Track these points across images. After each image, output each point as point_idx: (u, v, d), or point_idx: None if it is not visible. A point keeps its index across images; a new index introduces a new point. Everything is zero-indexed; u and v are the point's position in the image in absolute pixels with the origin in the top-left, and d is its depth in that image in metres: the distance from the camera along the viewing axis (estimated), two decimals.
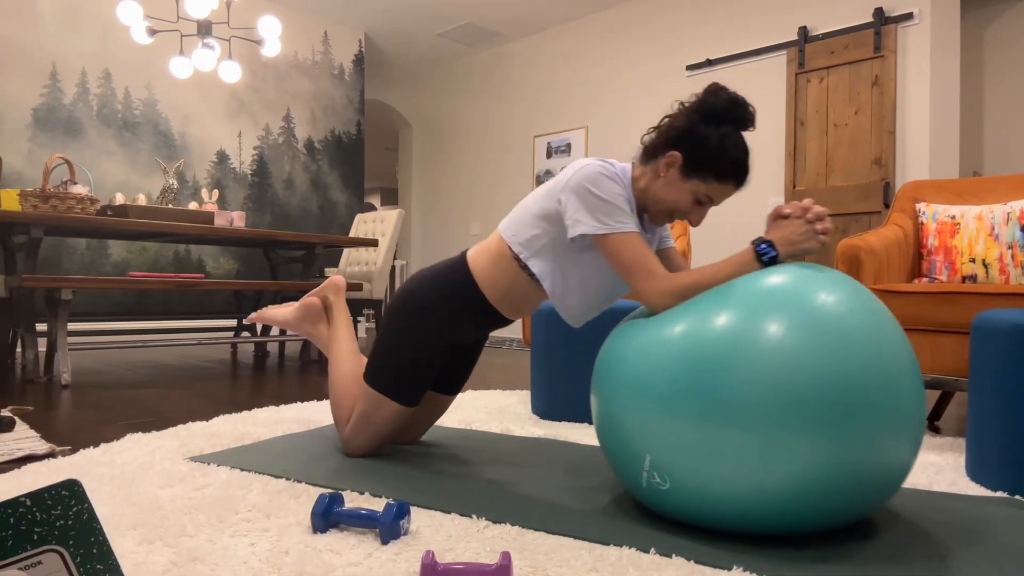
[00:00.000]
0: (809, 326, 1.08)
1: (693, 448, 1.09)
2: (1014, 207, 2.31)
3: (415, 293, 1.60)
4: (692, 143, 1.38)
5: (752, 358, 1.07)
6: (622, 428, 1.19)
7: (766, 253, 1.26)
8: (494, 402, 2.53)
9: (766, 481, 1.05)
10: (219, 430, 1.94)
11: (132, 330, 3.75)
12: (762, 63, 4.80)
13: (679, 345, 1.14)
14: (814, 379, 1.04)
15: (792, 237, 1.27)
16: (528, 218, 1.51)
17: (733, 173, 1.38)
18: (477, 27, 6.23)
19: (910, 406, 1.10)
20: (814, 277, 1.16)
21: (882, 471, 1.08)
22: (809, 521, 1.09)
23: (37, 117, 4.55)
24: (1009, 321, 1.47)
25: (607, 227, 1.36)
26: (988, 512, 1.31)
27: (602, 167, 1.39)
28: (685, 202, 1.41)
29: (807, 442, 1.03)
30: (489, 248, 1.58)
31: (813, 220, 1.27)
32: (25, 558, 0.69)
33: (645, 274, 1.32)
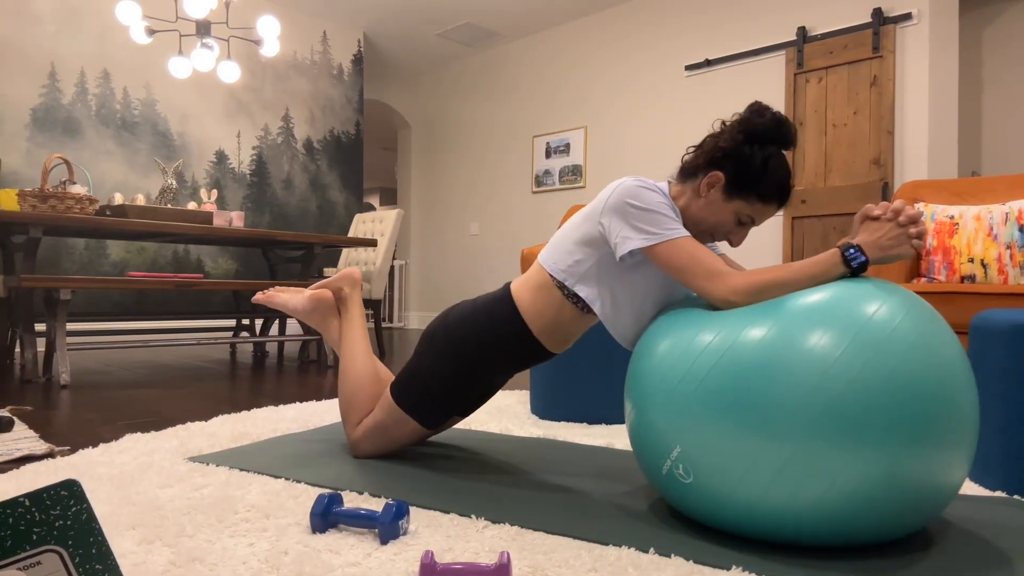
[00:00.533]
0: (850, 335, 1.03)
1: (726, 451, 1.06)
2: (1012, 207, 2.31)
3: (460, 324, 1.56)
4: (736, 163, 1.34)
5: (794, 366, 1.03)
6: (653, 427, 1.16)
7: (855, 258, 1.16)
8: (493, 402, 2.53)
9: (797, 493, 1.02)
10: (218, 430, 1.93)
11: (131, 330, 3.75)
12: (761, 63, 4.81)
13: (719, 348, 1.10)
14: (858, 390, 0.99)
15: (882, 241, 1.18)
16: (568, 245, 1.46)
17: (777, 194, 1.35)
18: (476, 27, 6.23)
19: (963, 418, 1.04)
20: (860, 284, 1.11)
21: (929, 488, 1.03)
22: (840, 536, 1.05)
23: (36, 117, 4.54)
24: (1008, 321, 1.47)
25: (656, 236, 1.31)
26: (987, 512, 1.31)
27: (639, 181, 1.36)
28: (727, 223, 1.38)
29: (848, 456, 0.99)
30: (531, 280, 1.52)
31: (906, 223, 1.18)
32: (24, 558, 0.69)
33: (710, 274, 1.24)
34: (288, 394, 2.73)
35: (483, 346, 1.53)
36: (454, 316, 1.58)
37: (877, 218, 1.20)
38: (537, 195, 6.35)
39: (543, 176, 6.29)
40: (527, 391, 2.82)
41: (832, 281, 1.15)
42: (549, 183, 6.23)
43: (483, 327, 1.53)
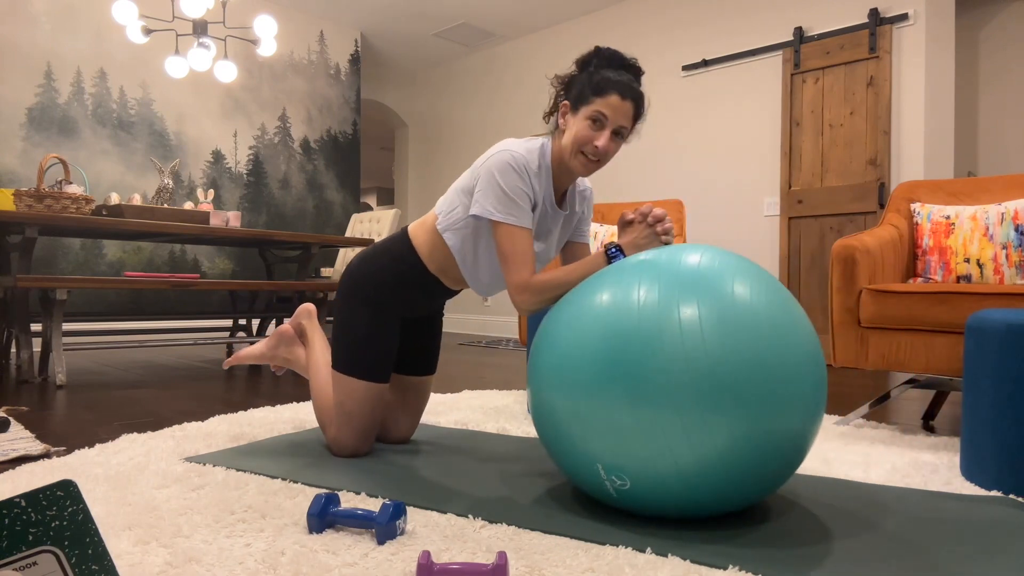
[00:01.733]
0: (722, 311, 1.14)
1: (626, 433, 1.13)
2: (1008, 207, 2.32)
3: (359, 269, 1.67)
4: (571, 84, 1.53)
5: (671, 341, 1.12)
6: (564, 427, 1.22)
7: (616, 256, 1.40)
8: (490, 402, 2.53)
9: (684, 459, 1.11)
10: (215, 430, 1.93)
11: (127, 330, 3.74)
12: (758, 63, 4.81)
13: (601, 329, 1.18)
14: (726, 361, 1.10)
15: (637, 241, 1.43)
16: (452, 192, 1.61)
17: (609, 84, 1.45)
18: (473, 27, 6.23)
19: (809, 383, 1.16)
20: (726, 263, 1.22)
21: (788, 443, 1.15)
22: (727, 495, 1.15)
23: (32, 116, 4.53)
24: (1003, 321, 1.47)
25: (497, 215, 1.47)
26: (983, 511, 1.32)
27: (512, 159, 1.47)
28: (583, 129, 1.47)
29: (723, 419, 1.09)
30: (426, 222, 1.66)
31: (653, 223, 1.43)
32: (20, 559, 0.69)
33: (515, 267, 1.45)
34: (285, 394, 2.72)
35: (386, 282, 1.65)
36: (355, 261, 1.69)
37: (631, 222, 1.46)
38: None
39: None
40: (524, 391, 2.82)
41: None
42: None
43: (383, 265, 1.65)
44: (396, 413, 1.83)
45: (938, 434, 2.10)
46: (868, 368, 2.14)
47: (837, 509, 1.32)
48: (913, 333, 2.08)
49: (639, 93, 1.49)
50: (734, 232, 4.90)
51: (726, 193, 4.95)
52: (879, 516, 1.28)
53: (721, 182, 4.98)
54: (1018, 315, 1.49)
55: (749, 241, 4.84)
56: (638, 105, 1.50)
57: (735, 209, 4.90)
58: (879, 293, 2.12)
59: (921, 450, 1.86)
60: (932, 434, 2.09)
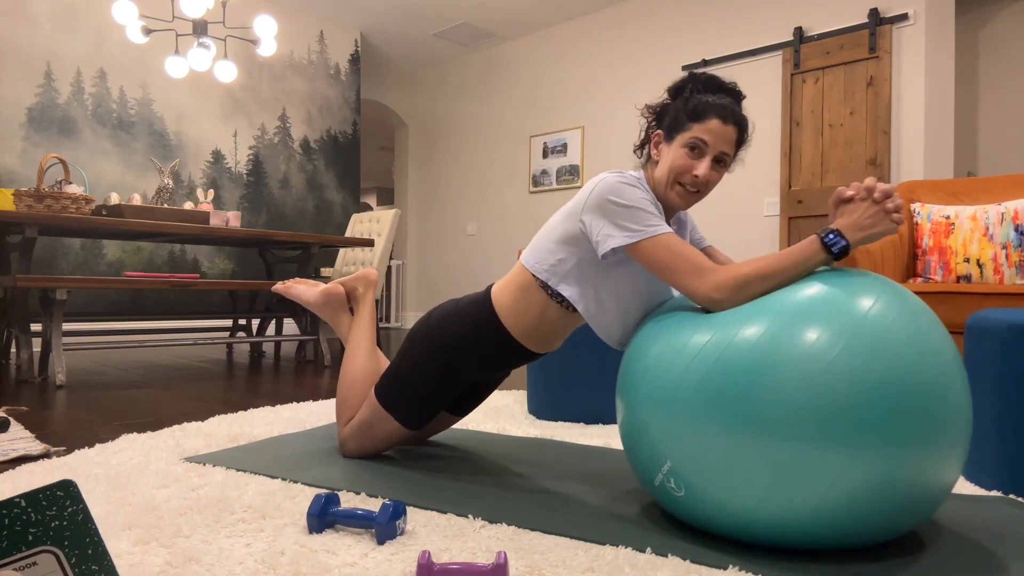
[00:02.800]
0: (847, 333, 1.01)
1: (717, 459, 1.04)
2: (1008, 207, 2.32)
3: (441, 325, 1.55)
4: (664, 112, 1.42)
5: (786, 368, 1.00)
6: (645, 434, 1.15)
7: (835, 243, 1.12)
8: (490, 402, 2.53)
9: (795, 498, 1.00)
10: (214, 430, 1.93)
11: (127, 330, 3.74)
12: (757, 63, 4.81)
13: (710, 352, 1.08)
14: (852, 390, 0.98)
15: (862, 222, 1.14)
16: (550, 245, 1.43)
17: (707, 108, 1.34)
18: (473, 27, 6.23)
19: (956, 416, 1.03)
20: (851, 281, 1.09)
21: (924, 488, 1.02)
22: (839, 539, 1.04)
23: (31, 116, 4.53)
24: (1004, 321, 1.47)
25: (638, 233, 1.28)
26: (982, 511, 1.31)
27: (619, 177, 1.33)
28: (679, 158, 1.35)
29: (843, 458, 0.97)
30: (513, 281, 1.50)
31: (881, 199, 1.14)
32: (20, 559, 0.69)
33: (693, 271, 1.22)
34: (285, 394, 2.72)
35: (464, 349, 1.52)
36: (436, 317, 1.58)
37: (851, 199, 1.17)
38: (534, 195, 6.35)
39: (540, 176, 6.29)
40: (524, 391, 2.82)
41: (815, 268, 1.14)
42: (546, 183, 6.23)
43: (465, 329, 1.52)
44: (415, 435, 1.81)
45: None
46: None
47: None
48: None
49: (742, 117, 1.36)
50: (734, 232, 4.90)
51: (726, 193, 4.95)
52: None
53: (722, 182, 4.98)
54: (1018, 315, 1.49)
55: (749, 241, 4.84)
56: (742, 130, 1.36)
57: (735, 209, 4.90)
58: None
59: None
60: None
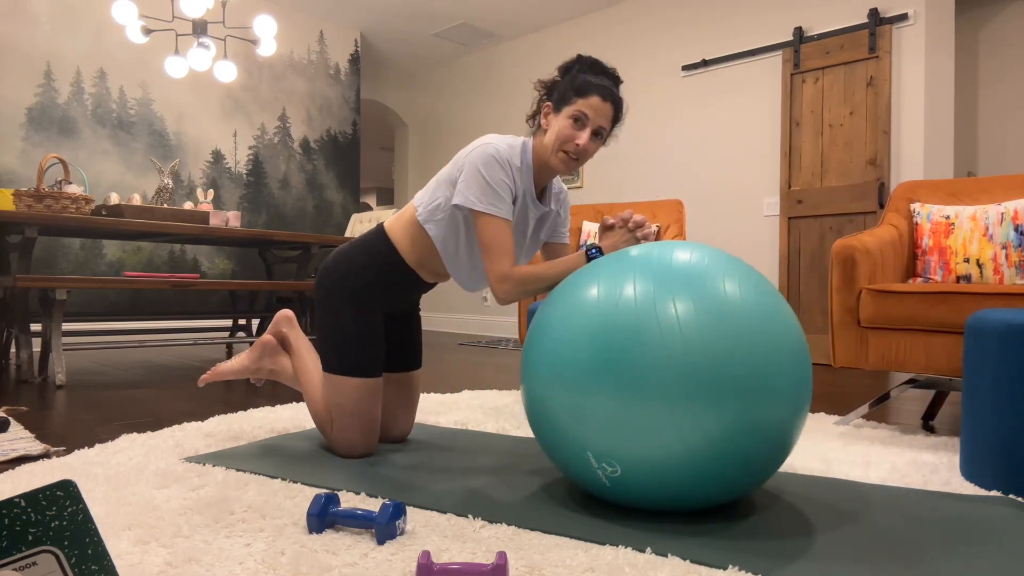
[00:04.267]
0: (705, 305, 1.16)
1: (614, 423, 1.14)
2: (1008, 207, 2.32)
3: (337, 269, 1.67)
4: (554, 88, 1.59)
5: (659, 336, 1.14)
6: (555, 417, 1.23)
7: (595, 257, 1.46)
8: (490, 402, 2.53)
9: (673, 444, 1.13)
10: (214, 430, 1.93)
11: (127, 330, 3.74)
12: (757, 63, 4.81)
13: (591, 323, 1.20)
14: (708, 354, 1.12)
15: (617, 244, 1.50)
16: (433, 184, 1.63)
17: (591, 87, 1.51)
18: (472, 27, 6.23)
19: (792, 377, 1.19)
20: (715, 260, 1.24)
21: (773, 435, 1.17)
22: (716, 484, 1.17)
23: (31, 116, 4.53)
24: (1003, 321, 1.47)
25: (479, 206, 1.51)
26: (982, 511, 1.32)
27: (496, 152, 1.52)
28: (564, 128, 1.53)
29: (710, 411, 1.12)
30: (404, 215, 1.68)
31: (633, 228, 1.50)
32: (20, 559, 0.69)
33: (496, 256, 1.50)
34: (284, 394, 2.72)
35: (364, 279, 1.66)
36: (330, 261, 1.70)
37: (612, 227, 1.53)
38: None
39: None
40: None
41: None
42: None
43: (361, 262, 1.66)
44: (391, 410, 1.83)
45: (938, 434, 2.10)
46: (868, 368, 2.14)
47: (836, 509, 1.32)
48: (913, 333, 2.08)
49: (618, 97, 1.56)
50: (734, 232, 4.90)
51: (726, 193, 4.95)
52: (878, 516, 1.28)
53: (721, 182, 4.98)
54: (1018, 315, 1.49)
55: (749, 241, 4.84)
56: (617, 108, 1.57)
57: (735, 209, 4.90)
58: (879, 293, 2.12)
59: (921, 450, 1.86)
60: (932, 434, 2.09)
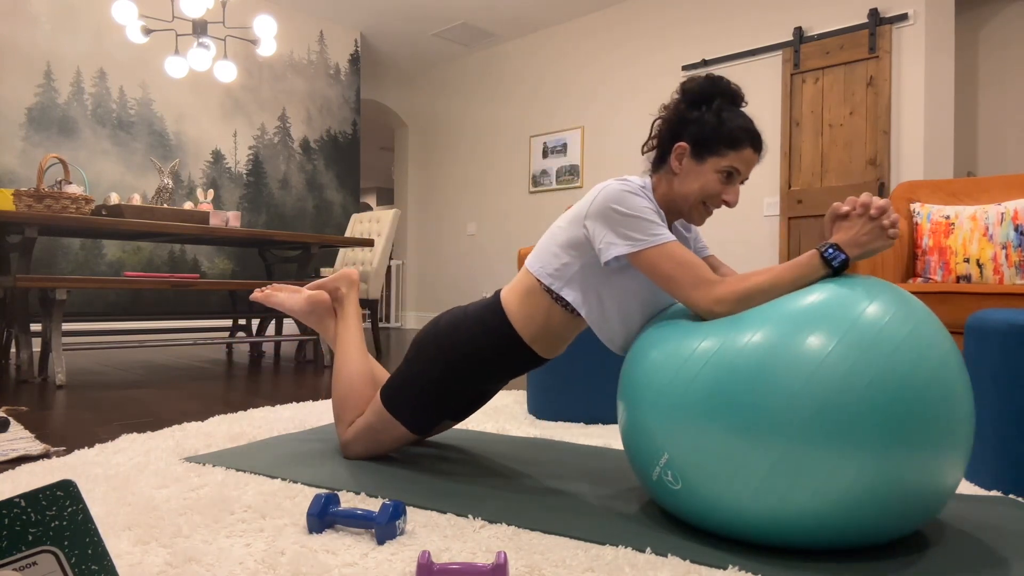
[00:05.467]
0: (840, 332, 1.02)
1: (715, 456, 1.05)
2: (1008, 207, 2.32)
3: (450, 332, 1.54)
4: (691, 126, 1.36)
5: (780, 368, 1.01)
6: (644, 433, 1.16)
7: (835, 258, 1.15)
8: (490, 402, 2.53)
9: (788, 496, 1.01)
10: (214, 430, 1.93)
11: (127, 330, 3.74)
12: (757, 63, 4.81)
13: (708, 351, 1.09)
14: (846, 391, 0.98)
15: (859, 238, 1.16)
16: (554, 248, 1.44)
17: (743, 135, 1.33)
18: (473, 27, 6.23)
19: (957, 417, 1.02)
20: (848, 282, 1.10)
21: (922, 491, 1.01)
22: (832, 539, 1.04)
23: (31, 116, 4.53)
24: (1004, 321, 1.47)
25: (641, 243, 1.29)
26: (982, 511, 1.31)
27: (623, 184, 1.33)
28: (712, 183, 1.35)
29: (835, 456, 0.98)
30: (520, 285, 1.50)
31: (877, 215, 1.16)
32: (20, 559, 0.69)
33: (695, 282, 1.22)
34: (284, 394, 2.72)
35: (475, 355, 1.51)
36: (445, 323, 1.56)
37: (847, 215, 1.19)
38: (534, 195, 6.35)
39: (540, 176, 6.29)
40: (524, 391, 2.82)
41: (815, 282, 1.15)
42: (546, 183, 6.24)
43: (475, 335, 1.51)
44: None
45: None
46: None
47: None
48: None
49: (764, 143, 1.38)
50: (734, 232, 4.90)
51: None
52: None
53: None
54: (1018, 315, 1.49)
55: (749, 241, 4.83)
56: (762, 153, 1.39)
57: (735, 209, 4.90)
58: None
59: None
60: None
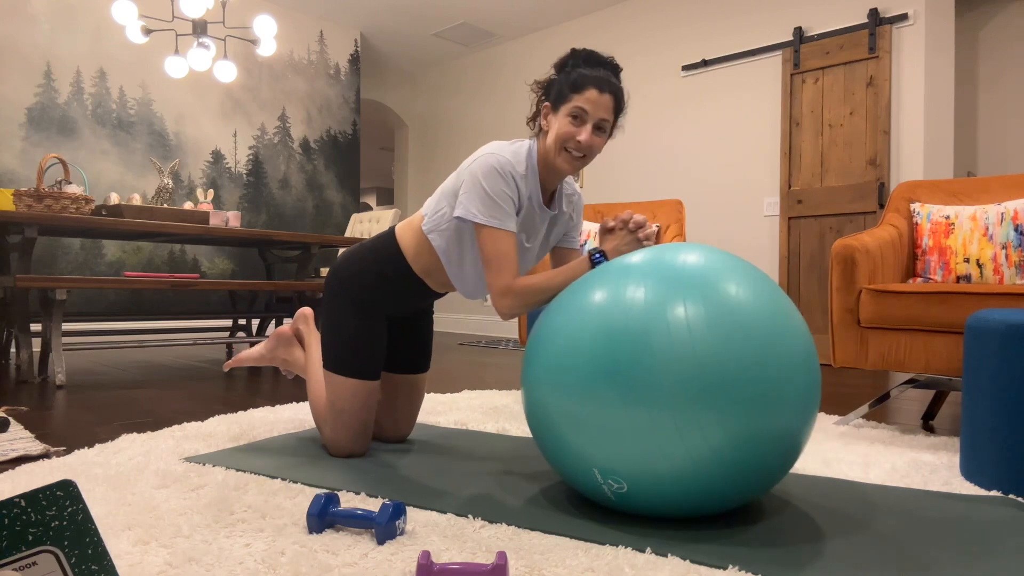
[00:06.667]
0: (712, 310, 1.14)
1: (621, 435, 1.12)
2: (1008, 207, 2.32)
3: (345, 269, 1.67)
4: (550, 86, 1.55)
5: (660, 341, 1.11)
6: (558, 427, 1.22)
7: (599, 262, 1.42)
8: (490, 402, 2.53)
9: (678, 459, 1.11)
10: (214, 430, 1.93)
11: (127, 330, 3.74)
12: (757, 63, 4.81)
13: (593, 330, 1.18)
14: (715, 360, 1.10)
15: (619, 247, 1.45)
16: (438, 194, 1.61)
17: (588, 80, 1.46)
18: (472, 27, 6.23)
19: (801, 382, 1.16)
20: (720, 262, 1.22)
21: (782, 441, 1.15)
22: (724, 493, 1.15)
23: (31, 116, 4.53)
24: (1003, 321, 1.47)
25: (480, 218, 1.47)
26: (982, 511, 1.32)
27: (497, 162, 1.48)
28: (564, 126, 1.48)
29: (715, 417, 1.09)
30: (412, 223, 1.66)
31: (635, 229, 1.46)
32: (20, 559, 0.69)
33: (497, 270, 1.45)
34: (284, 394, 2.72)
35: (371, 282, 1.64)
36: (340, 260, 1.69)
37: (612, 229, 1.48)
38: None
39: None
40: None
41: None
42: None
43: (369, 264, 1.65)
44: (392, 412, 1.83)
45: (938, 434, 2.10)
46: (868, 368, 2.14)
47: (836, 509, 1.32)
48: (913, 333, 2.08)
49: (617, 87, 1.51)
50: (734, 232, 4.90)
51: (726, 193, 4.95)
52: (878, 516, 1.28)
53: (721, 182, 4.98)
54: (1018, 315, 1.49)
55: (749, 241, 4.84)
56: (618, 99, 1.51)
57: (735, 209, 4.90)
58: (879, 293, 2.12)
59: (921, 450, 1.86)
60: (932, 434, 2.09)
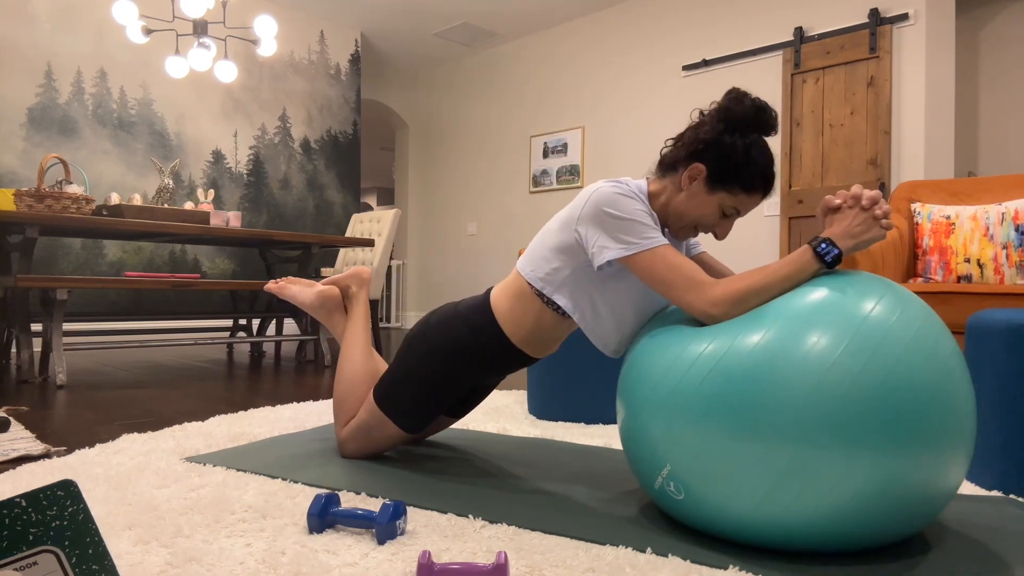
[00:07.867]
0: (848, 335, 1.00)
1: (717, 463, 1.03)
2: (1009, 207, 2.32)
3: (440, 329, 1.53)
4: (718, 154, 1.30)
5: (786, 372, 1.00)
6: (645, 438, 1.14)
7: (828, 252, 1.13)
8: (490, 402, 2.53)
9: (796, 502, 1.00)
10: (215, 430, 1.93)
11: (127, 330, 3.74)
12: (758, 63, 4.81)
13: (710, 357, 1.08)
14: (852, 392, 0.97)
15: (852, 229, 1.15)
16: (545, 252, 1.42)
17: (761, 183, 1.31)
18: (474, 27, 6.23)
19: (958, 418, 1.02)
20: (852, 282, 1.09)
21: (927, 492, 1.01)
22: (840, 543, 1.03)
23: (32, 116, 4.53)
24: (1004, 321, 1.47)
25: (635, 246, 1.26)
26: (982, 511, 1.31)
27: (615, 187, 1.30)
28: (711, 216, 1.33)
29: (843, 461, 0.97)
30: (510, 287, 1.48)
31: (869, 206, 1.15)
32: (20, 559, 0.69)
33: (689, 285, 1.20)
34: (285, 394, 2.72)
35: (463, 353, 1.50)
36: (435, 320, 1.56)
37: (839, 208, 1.18)
38: (534, 195, 6.35)
39: (540, 176, 6.29)
40: (524, 391, 2.82)
41: (809, 278, 1.14)
42: (546, 183, 6.24)
43: (463, 334, 1.50)
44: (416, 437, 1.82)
45: None
46: None
47: None
48: None
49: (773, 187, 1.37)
50: (734, 232, 4.90)
51: None
52: None
53: None
54: (1018, 315, 1.49)
55: (749, 241, 4.83)
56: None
57: None
58: None
59: None
60: None
